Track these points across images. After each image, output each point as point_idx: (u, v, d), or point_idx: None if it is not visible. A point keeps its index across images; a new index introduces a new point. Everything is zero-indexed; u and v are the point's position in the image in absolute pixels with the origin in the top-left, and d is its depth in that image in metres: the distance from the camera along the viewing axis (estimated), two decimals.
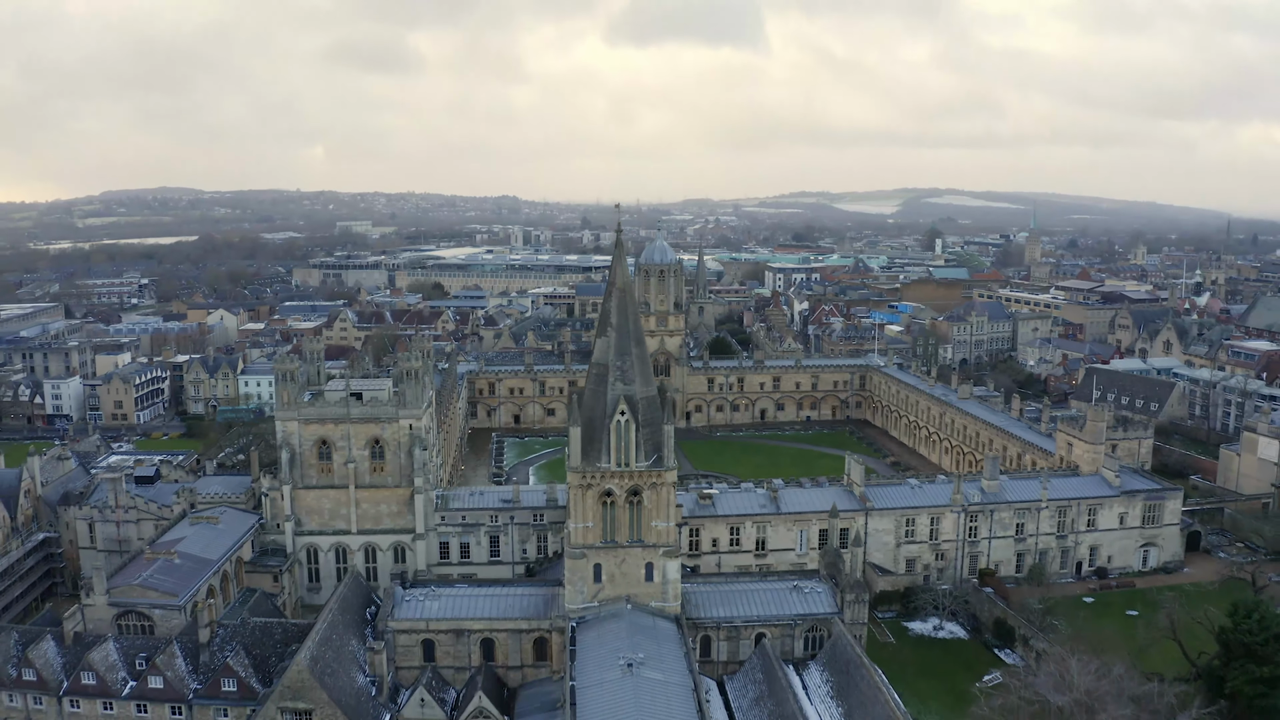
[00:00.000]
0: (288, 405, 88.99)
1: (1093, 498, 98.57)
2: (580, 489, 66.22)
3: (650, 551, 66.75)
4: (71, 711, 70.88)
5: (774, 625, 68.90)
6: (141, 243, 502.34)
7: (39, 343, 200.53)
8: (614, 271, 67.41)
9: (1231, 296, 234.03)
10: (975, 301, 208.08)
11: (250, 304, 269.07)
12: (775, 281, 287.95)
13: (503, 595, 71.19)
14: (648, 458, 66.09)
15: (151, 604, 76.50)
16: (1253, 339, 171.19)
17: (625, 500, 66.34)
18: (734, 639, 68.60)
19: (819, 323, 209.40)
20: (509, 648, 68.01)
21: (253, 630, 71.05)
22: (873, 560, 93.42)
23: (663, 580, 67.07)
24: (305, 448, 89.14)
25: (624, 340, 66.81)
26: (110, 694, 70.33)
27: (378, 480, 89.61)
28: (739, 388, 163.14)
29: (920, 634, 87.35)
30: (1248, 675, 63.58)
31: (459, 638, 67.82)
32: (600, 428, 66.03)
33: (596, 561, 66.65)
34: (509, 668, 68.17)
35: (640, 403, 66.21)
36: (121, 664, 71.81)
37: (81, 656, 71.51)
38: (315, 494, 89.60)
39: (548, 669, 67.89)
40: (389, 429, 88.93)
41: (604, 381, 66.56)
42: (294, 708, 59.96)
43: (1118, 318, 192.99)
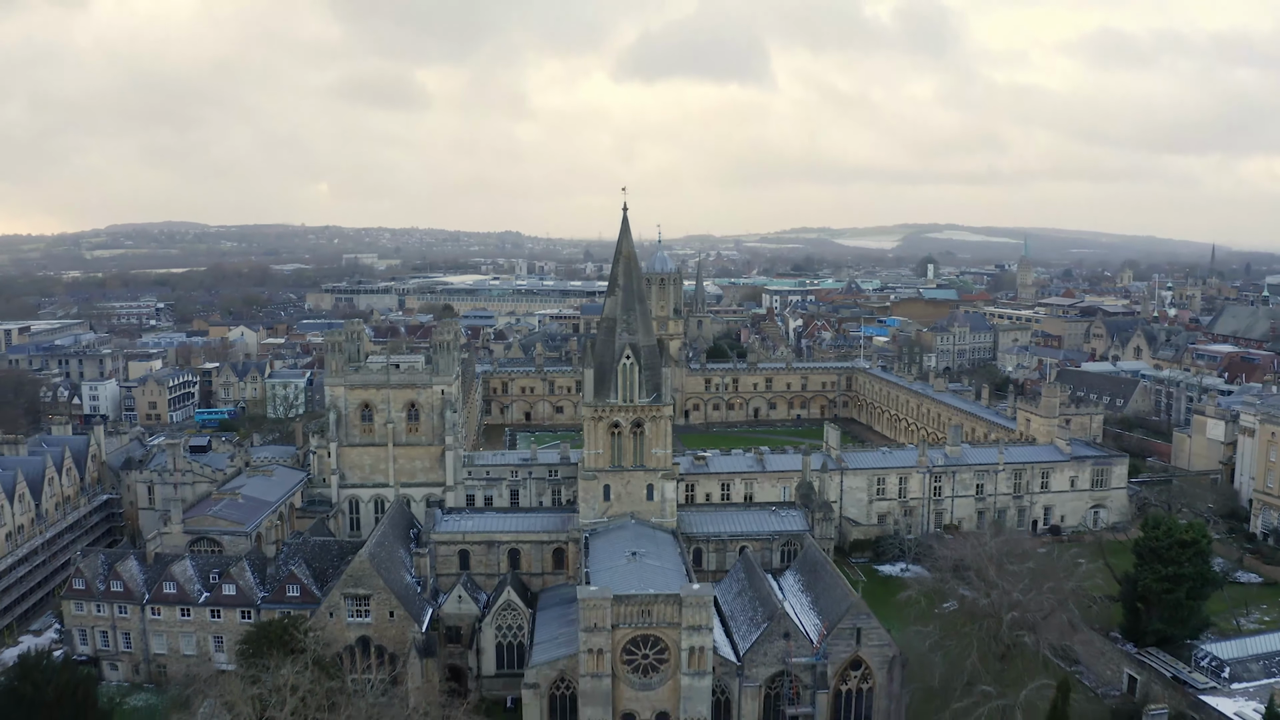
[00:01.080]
0: (336, 373, 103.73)
1: (1045, 462, 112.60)
2: (592, 421, 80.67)
3: (651, 474, 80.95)
4: (153, 618, 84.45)
5: (755, 540, 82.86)
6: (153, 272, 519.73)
7: (74, 350, 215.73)
8: (621, 241, 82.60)
9: (1206, 311, 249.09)
10: (958, 313, 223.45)
11: (269, 322, 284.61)
12: (771, 301, 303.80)
13: (526, 516, 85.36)
14: (648, 395, 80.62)
15: (221, 531, 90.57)
16: (1216, 343, 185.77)
17: (630, 431, 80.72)
18: (721, 550, 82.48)
19: (811, 336, 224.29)
20: (532, 557, 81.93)
21: (312, 547, 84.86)
22: (848, 515, 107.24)
23: (661, 499, 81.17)
24: (350, 410, 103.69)
25: (629, 298, 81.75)
26: (188, 601, 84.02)
27: (413, 439, 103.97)
28: (734, 388, 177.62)
29: (888, 574, 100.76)
30: (1155, 574, 77.18)
31: (490, 548, 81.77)
32: (609, 370, 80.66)
33: (606, 483, 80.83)
34: (531, 574, 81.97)
35: (643, 349, 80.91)
36: (197, 578, 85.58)
37: (161, 573, 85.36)
38: (358, 451, 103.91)
39: (565, 575, 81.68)
40: (423, 394, 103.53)
41: (612, 332, 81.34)
42: (355, 593, 73.71)
43: (1092, 328, 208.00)
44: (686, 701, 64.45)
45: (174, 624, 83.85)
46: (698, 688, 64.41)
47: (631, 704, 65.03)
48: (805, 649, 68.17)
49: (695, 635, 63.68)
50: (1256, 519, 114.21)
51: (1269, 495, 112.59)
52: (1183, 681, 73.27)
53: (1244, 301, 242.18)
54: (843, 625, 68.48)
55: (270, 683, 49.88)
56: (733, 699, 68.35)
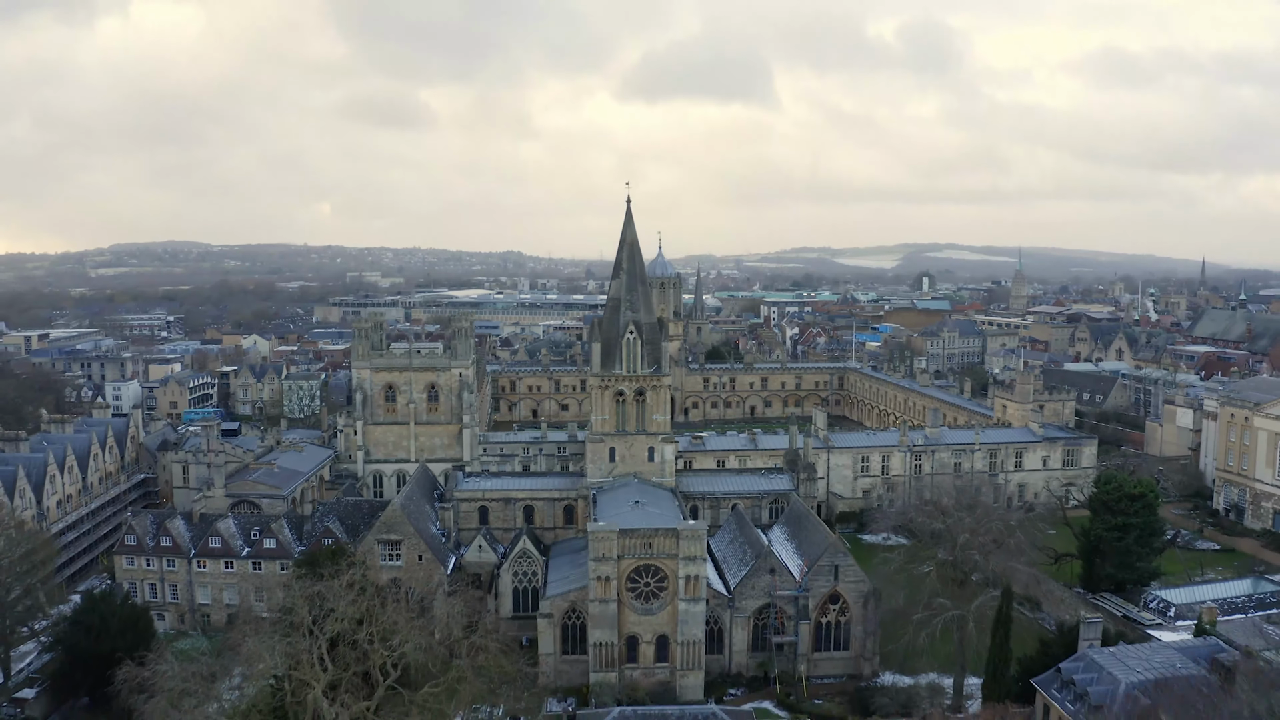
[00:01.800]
0: (362, 357, 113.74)
1: (1018, 442, 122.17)
2: (600, 390, 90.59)
3: (652, 438, 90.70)
4: (198, 571, 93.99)
5: (746, 498, 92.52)
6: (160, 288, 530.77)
7: (95, 354, 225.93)
8: (625, 230, 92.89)
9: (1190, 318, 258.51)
10: (948, 320, 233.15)
11: (280, 331, 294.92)
12: (769, 312, 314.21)
13: (539, 478, 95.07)
14: (649, 366, 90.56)
15: (261, 494, 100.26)
16: (1195, 345, 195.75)
17: (633, 398, 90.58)
18: (715, 508, 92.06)
19: (806, 342, 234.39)
20: (545, 513, 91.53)
21: (345, 506, 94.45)
22: (834, 490, 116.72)
23: (661, 460, 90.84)
24: (375, 391, 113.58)
25: (633, 281, 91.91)
26: (231, 555, 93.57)
27: (433, 418, 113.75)
28: (731, 387, 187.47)
29: (871, 543, 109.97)
30: (1106, 524, 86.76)
31: (507, 504, 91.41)
32: (614, 345, 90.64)
33: (611, 445, 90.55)
34: (544, 529, 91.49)
35: (644, 326, 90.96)
36: (239, 534, 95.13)
37: (207, 530, 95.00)
38: (382, 429, 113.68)
39: (574, 529, 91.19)
40: (443, 376, 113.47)
41: (618, 310, 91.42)
42: (388, 538, 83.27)
43: (1076, 332, 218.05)
44: (683, 625, 73.77)
45: (218, 576, 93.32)
46: (693, 613, 73.79)
47: (634, 627, 74.40)
48: (789, 584, 77.59)
49: (691, 565, 73.18)
50: (1219, 495, 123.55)
51: (1229, 473, 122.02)
52: (1132, 620, 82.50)
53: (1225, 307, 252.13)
54: (822, 562, 77.96)
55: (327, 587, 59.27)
56: (725, 629, 77.75)
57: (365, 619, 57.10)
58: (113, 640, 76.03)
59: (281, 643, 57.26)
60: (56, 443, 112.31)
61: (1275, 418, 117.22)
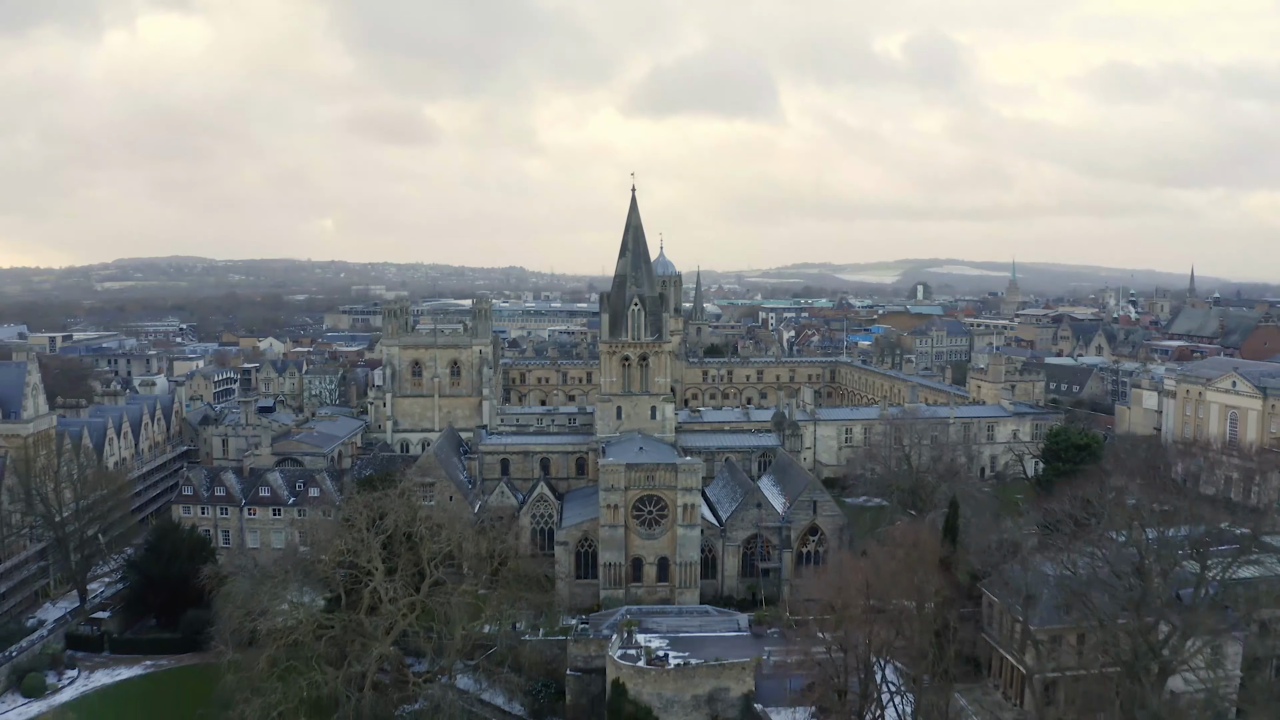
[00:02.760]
0: (391, 335, 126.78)
1: (990, 417, 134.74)
2: (607, 355, 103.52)
3: (654, 398, 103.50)
4: (249, 518, 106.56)
5: (737, 452, 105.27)
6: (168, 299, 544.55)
7: (121, 351, 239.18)
8: (630, 215, 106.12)
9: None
10: (936, 319, 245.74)
11: (294, 335, 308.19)
12: (767, 317, 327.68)
13: (554, 435, 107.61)
14: (651, 334, 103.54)
15: (304, 452, 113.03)
16: (1171, 340, 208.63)
17: (637, 363, 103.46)
18: (710, 461, 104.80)
19: (802, 343, 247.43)
20: (559, 464, 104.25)
21: (380, 460, 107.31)
22: (820, 459, 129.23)
23: (662, 418, 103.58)
24: (402, 367, 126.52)
25: (637, 259, 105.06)
26: (279, 503, 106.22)
27: (455, 391, 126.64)
28: (728, 379, 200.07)
29: (854, 505, 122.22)
30: (1055, 470, 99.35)
31: (526, 457, 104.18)
32: (621, 316, 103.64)
33: (618, 404, 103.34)
34: (559, 479, 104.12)
35: (647, 299, 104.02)
36: (285, 486, 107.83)
37: (256, 482, 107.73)
38: (409, 401, 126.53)
39: (585, 479, 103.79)
40: (464, 353, 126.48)
41: (623, 286, 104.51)
42: (423, 481, 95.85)
43: (1059, 330, 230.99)
44: (681, 548, 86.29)
45: (267, 522, 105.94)
46: (690, 537, 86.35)
47: (639, 550, 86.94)
48: (774, 518, 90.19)
49: (688, 495, 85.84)
50: (1176, 466, 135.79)
51: (1184, 444, 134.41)
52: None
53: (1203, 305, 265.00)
54: (801, 498, 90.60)
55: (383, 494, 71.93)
56: (717, 556, 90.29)
57: (416, 517, 69.73)
58: (181, 564, 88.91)
59: (346, 536, 69.93)
60: (112, 412, 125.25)
61: (1224, 391, 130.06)
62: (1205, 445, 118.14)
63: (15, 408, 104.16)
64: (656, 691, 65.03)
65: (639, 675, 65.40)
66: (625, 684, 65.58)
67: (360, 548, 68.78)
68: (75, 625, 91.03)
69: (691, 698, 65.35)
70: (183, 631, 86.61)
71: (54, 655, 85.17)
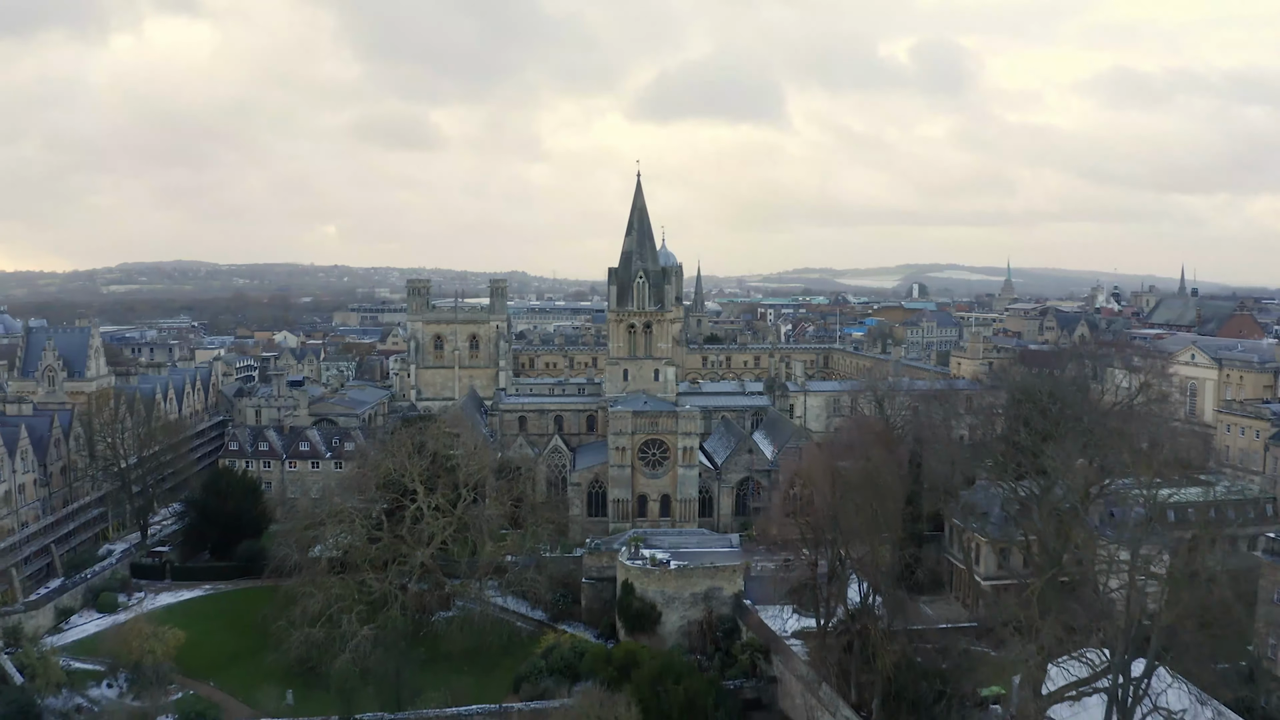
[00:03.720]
0: (415, 312, 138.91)
1: (968, 389, 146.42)
2: (615, 323, 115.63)
3: (657, 362, 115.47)
4: (289, 470, 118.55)
5: (733, 411, 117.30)
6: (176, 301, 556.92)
7: (143, 340, 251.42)
8: (636, 197, 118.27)
9: None
10: (926, 311, 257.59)
11: (307, 330, 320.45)
12: (766, 311, 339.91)
13: (566, 395, 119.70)
14: (654, 304, 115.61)
15: (338, 414, 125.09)
16: (1149, 328, 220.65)
17: (642, 330, 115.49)
18: (708, 419, 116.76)
19: (798, 335, 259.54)
20: (571, 421, 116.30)
21: (411, 418, 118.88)
22: (809, 426, 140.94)
23: (665, 380, 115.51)
24: (425, 341, 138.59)
25: (642, 237, 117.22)
26: (317, 456, 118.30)
27: (474, 363, 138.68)
28: (726, 365, 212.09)
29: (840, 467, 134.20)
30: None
31: (541, 415, 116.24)
32: (627, 287, 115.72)
33: (625, 367, 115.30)
34: (570, 434, 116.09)
35: (651, 273, 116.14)
36: (322, 442, 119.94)
37: (297, 438, 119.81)
38: (431, 372, 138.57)
39: (595, 435, 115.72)
40: (482, 328, 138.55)
41: (630, 261, 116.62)
42: (453, 430, 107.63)
43: (1045, 321, 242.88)
44: (681, 486, 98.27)
45: (306, 474, 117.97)
46: (689, 477, 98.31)
47: (644, 488, 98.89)
48: (764, 463, 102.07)
49: (687, 439, 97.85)
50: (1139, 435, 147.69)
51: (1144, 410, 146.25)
52: None
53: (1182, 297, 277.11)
54: (789, 445, 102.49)
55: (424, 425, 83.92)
56: (714, 496, 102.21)
57: (453, 444, 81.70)
58: (235, 502, 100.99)
59: (391, 459, 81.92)
60: (159, 380, 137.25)
61: (1184, 364, 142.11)
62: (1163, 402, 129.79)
63: (80, 368, 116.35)
64: (660, 589, 76.81)
65: (645, 575, 77.21)
66: (634, 584, 77.37)
67: (405, 468, 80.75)
68: (139, 557, 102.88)
69: (690, 595, 77.12)
70: (237, 560, 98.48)
71: (123, 580, 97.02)
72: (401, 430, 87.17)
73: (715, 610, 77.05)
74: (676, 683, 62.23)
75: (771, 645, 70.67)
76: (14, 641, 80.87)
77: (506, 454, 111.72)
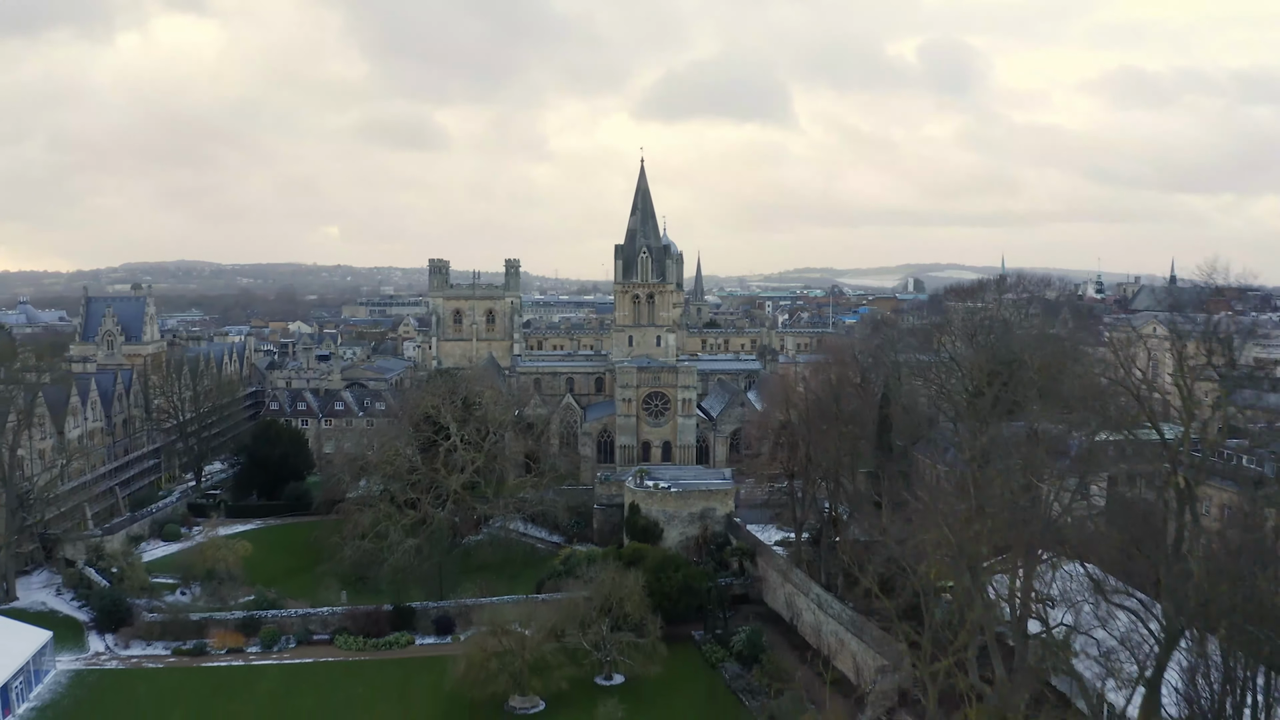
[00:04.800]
0: (436, 289, 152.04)
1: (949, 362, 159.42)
2: (621, 294, 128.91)
3: (659, 329, 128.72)
4: (325, 428, 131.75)
5: (728, 374, 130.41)
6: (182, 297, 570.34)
7: (164, 328, 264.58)
8: (640, 179, 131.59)
9: None
10: (918, 301, 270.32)
11: (319, 320, 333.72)
12: (764, 303, 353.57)
13: (577, 360, 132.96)
14: (656, 277, 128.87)
15: (369, 379, 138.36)
16: (1129, 313, 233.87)
17: (645, 300, 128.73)
18: (705, 380, 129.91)
19: (794, 323, 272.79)
20: (581, 383, 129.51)
21: (441, 371, 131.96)
22: None
23: (666, 345, 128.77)
24: (445, 315, 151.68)
25: (645, 217, 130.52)
26: (350, 415, 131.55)
27: (490, 335, 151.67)
28: (724, 347, 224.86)
29: None
30: None
31: (554, 376, 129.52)
32: (632, 262, 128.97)
33: (630, 334, 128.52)
34: (580, 395, 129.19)
35: (654, 249, 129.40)
36: (354, 402, 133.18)
37: (332, 399, 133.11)
38: (451, 344, 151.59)
39: (603, 395, 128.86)
40: (498, 303, 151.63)
41: (634, 238, 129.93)
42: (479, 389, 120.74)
43: (1030, 307, 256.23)
44: (681, 434, 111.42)
45: (341, 431, 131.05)
46: (687, 425, 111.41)
47: (647, 435, 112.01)
48: (754, 416, 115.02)
49: (685, 391, 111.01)
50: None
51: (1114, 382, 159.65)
52: None
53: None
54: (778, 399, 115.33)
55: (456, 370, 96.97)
56: (710, 444, 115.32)
57: (485, 387, 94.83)
58: (281, 448, 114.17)
59: (429, 399, 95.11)
60: (201, 350, 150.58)
61: (1147, 336, 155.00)
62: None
63: (137, 332, 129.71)
64: (662, 509, 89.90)
65: (649, 497, 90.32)
66: (639, 505, 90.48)
67: (440, 407, 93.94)
68: (195, 498, 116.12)
69: (688, 514, 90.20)
70: (285, 500, 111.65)
71: (183, 515, 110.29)
72: (436, 377, 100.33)
73: (710, 527, 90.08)
74: (676, 571, 75.28)
75: (757, 550, 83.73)
76: (96, 559, 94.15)
77: (523, 411, 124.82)
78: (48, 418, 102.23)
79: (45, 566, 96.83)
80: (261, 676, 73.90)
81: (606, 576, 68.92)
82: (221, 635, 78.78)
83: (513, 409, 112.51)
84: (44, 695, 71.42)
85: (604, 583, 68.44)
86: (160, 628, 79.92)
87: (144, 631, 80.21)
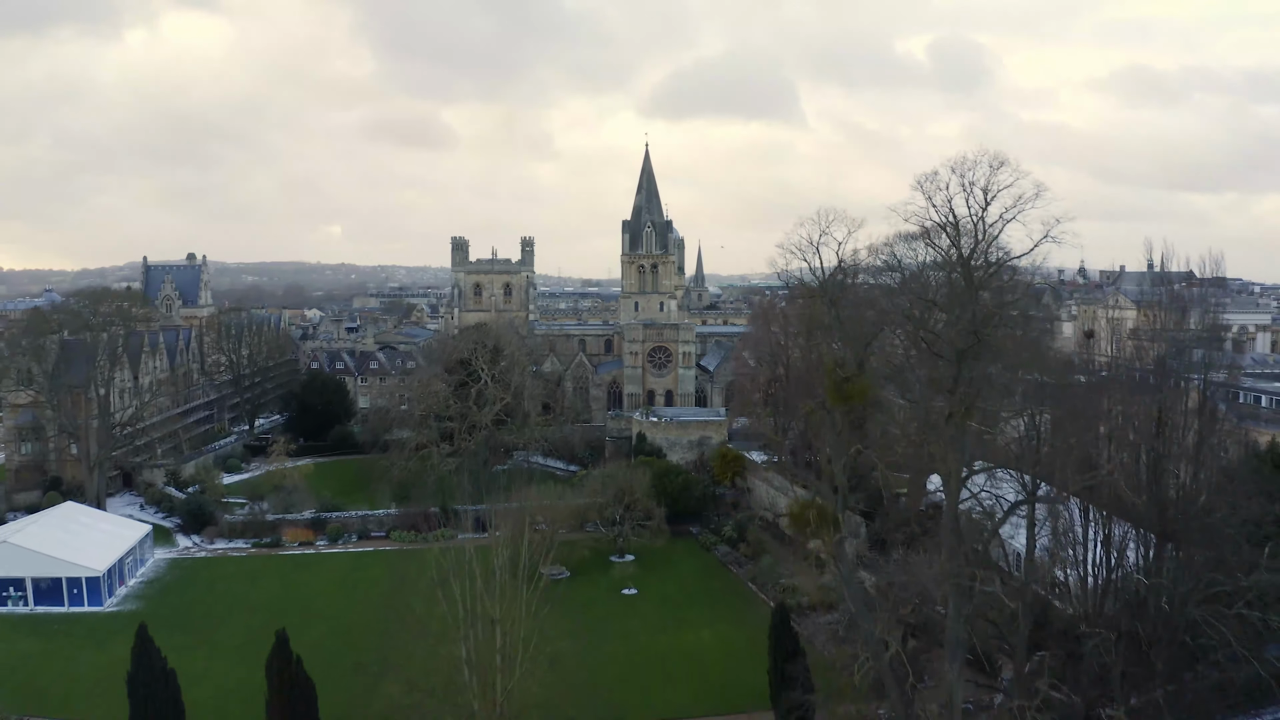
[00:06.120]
0: (458, 265, 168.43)
1: None
2: (628, 264, 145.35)
3: (662, 295, 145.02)
4: (361, 384, 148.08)
5: (725, 335, 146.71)
6: None
7: None
8: (645, 163, 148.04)
9: None
10: None
11: (332, 311, 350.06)
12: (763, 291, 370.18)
13: (589, 324, 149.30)
14: (659, 249, 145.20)
15: (399, 342, 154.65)
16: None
17: (650, 270, 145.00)
18: (704, 342, 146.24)
19: None
20: (593, 344, 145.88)
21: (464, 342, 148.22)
22: None
23: (668, 310, 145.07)
24: (466, 289, 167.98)
25: (650, 195, 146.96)
26: (385, 373, 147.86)
27: (508, 308, 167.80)
28: None
29: None
30: None
31: (568, 338, 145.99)
32: (638, 235, 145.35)
33: (636, 300, 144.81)
34: (591, 355, 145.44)
35: (657, 224, 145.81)
36: (388, 363, 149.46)
37: (367, 359, 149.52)
38: (471, 314, 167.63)
39: (612, 356, 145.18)
40: (514, 278, 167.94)
41: (640, 214, 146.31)
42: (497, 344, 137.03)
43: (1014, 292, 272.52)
44: (681, 383, 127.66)
45: (375, 387, 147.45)
46: (687, 376, 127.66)
47: (651, 385, 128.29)
48: (748, 370, 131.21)
49: (686, 345, 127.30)
50: None
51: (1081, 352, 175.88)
52: None
53: None
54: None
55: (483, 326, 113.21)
56: (708, 395, 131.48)
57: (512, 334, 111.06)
58: (328, 396, 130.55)
59: (463, 343, 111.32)
60: (245, 318, 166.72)
61: (1111, 308, 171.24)
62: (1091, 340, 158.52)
63: (193, 297, 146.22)
64: (665, 436, 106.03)
65: (653, 427, 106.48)
66: (645, 434, 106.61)
67: (475, 350, 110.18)
68: (250, 440, 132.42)
69: (687, 441, 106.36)
70: (331, 441, 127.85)
71: (241, 454, 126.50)
72: (469, 330, 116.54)
73: (706, 452, 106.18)
74: (678, 476, 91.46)
75: (746, 465, 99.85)
76: (173, 480, 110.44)
77: (540, 368, 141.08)
78: (127, 364, 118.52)
79: (126, 491, 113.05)
80: (331, 560, 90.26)
81: (620, 472, 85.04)
82: (293, 532, 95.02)
83: (533, 360, 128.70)
84: (148, 574, 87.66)
85: (617, 477, 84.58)
86: (241, 526, 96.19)
87: (226, 530, 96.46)
